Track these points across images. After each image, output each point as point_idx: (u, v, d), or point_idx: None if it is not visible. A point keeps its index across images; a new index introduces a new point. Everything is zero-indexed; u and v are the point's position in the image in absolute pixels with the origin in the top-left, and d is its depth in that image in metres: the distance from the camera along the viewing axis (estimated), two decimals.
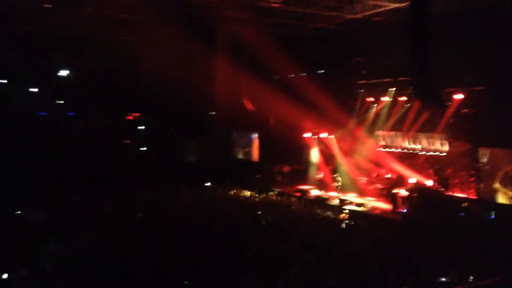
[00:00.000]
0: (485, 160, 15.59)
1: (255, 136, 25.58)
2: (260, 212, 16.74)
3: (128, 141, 26.24)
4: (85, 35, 19.58)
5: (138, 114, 28.18)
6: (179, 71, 20.97)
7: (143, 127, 27.93)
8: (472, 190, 16.85)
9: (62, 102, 26.14)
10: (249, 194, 20.38)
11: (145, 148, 26.12)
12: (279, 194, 20.68)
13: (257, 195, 20.29)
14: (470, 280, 9.36)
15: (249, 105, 23.93)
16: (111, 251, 11.59)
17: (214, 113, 27.34)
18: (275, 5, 18.04)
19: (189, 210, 16.90)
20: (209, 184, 22.76)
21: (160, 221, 14.97)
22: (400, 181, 18.99)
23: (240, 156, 26.73)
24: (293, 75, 23.38)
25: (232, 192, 20.79)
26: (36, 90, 25.27)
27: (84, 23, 18.82)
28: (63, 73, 25.39)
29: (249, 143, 26.12)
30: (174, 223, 14.74)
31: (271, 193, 20.58)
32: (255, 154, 25.60)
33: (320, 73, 23.14)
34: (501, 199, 15.50)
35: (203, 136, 26.94)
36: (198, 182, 22.28)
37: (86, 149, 24.20)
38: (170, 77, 21.59)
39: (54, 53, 23.43)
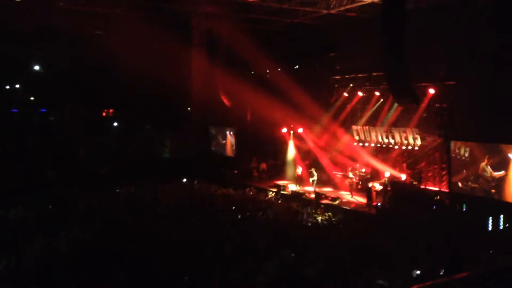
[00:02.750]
0: (466, 155, 15.89)
1: (231, 131, 25.53)
2: (235, 208, 16.75)
3: (102, 138, 25.85)
4: (57, 29, 19.19)
5: (112, 110, 27.81)
6: (154, 67, 20.76)
7: (117, 124, 27.56)
8: (444, 183, 17.19)
9: (34, 98, 25.62)
10: (226, 190, 20.31)
11: (120, 145, 25.78)
12: (256, 189, 20.71)
13: (234, 191, 20.25)
14: (441, 273, 9.53)
15: (225, 101, 23.84)
16: (89, 247, 11.52)
17: (190, 109, 27.20)
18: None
19: (166, 206, 16.79)
20: (185, 180, 22.63)
21: (137, 217, 14.85)
22: (374, 175, 19.29)
23: (217, 151, 26.65)
24: (269, 70, 23.42)
25: (208, 188, 20.69)
26: (7, 87, 24.70)
27: (56, 17, 18.43)
28: (35, 69, 24.86)
29: (225, 139, 26.06)
30: (151, 219, 14.63)
31: (248, 188, 20.58)
32: (232, 149, 25.57)
33: (296, 68, 23.22)
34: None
35: (179, 132, 26.74)
36: (174, 178, 22.12)
37: (60, 145, 23.76)
38: (145, 72, 21.37)
39: (25, 49, 22.86)
